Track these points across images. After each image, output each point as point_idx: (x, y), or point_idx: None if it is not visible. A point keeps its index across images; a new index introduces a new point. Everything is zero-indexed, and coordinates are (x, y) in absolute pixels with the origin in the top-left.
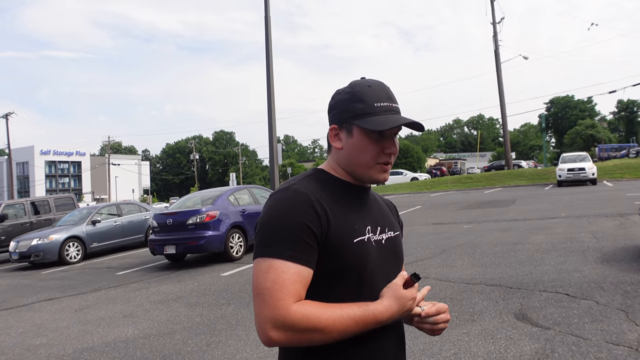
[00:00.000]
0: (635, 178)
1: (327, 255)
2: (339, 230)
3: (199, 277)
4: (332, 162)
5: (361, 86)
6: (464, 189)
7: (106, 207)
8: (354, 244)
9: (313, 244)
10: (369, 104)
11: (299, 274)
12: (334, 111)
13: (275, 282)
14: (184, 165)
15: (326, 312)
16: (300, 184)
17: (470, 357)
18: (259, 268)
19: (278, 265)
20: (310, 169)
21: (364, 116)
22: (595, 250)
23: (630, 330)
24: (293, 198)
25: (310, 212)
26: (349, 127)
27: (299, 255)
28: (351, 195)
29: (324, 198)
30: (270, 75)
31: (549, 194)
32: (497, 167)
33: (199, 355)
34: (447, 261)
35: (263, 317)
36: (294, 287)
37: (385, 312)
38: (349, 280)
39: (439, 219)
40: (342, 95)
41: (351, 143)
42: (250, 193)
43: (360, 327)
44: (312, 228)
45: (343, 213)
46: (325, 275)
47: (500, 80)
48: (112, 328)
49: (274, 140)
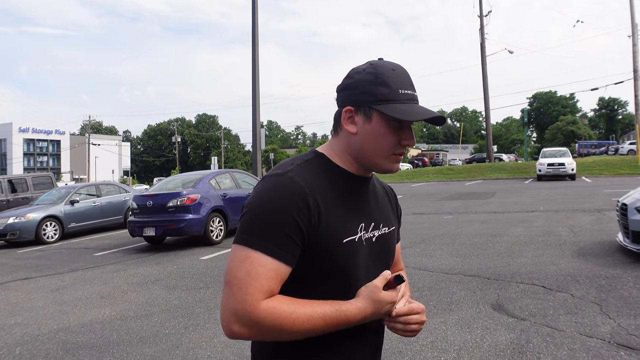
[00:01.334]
0: (613, 175)
1: (313, 254)
2: (330, 229)
3: (178, 260)
4: (337, 146)
5: (385, 68)
6: (445, 180)
7: (85, 187)
8: (343, 244)
9: (297, 240)
10: (394, 90)
11: (276, 270)
12: (352, 91)
13: (248, 274)
14: (165, 148)
15: (295, 310)
16: (296, 171)
17: (447, 345)
18: (235, 255)
19: (256, 257)
20: (309, 150)
21: (388, 102)
22: (572, 244)
23: (604, 323)
24: (286, 187)
25: (301, 205)
26: (368, 112)
27: (280, 251)
28: (351, 187)
29: (319, 191)
30: (255, 60)
31: (528, 188)
32: (478, 159)
33: (177, 338)
34: (427, 251)
35: (229, 309)
36: (268, 282)
37: (358, 315)
38: (334, 281)
39: (420, 209)
40: (364, 75)
41: (368, 129)
42: (232, 177)
43: (330, 327)
44: (300, 223)
45: (337, 209)
46: (309, 274)
47: (485, 74)
48: (89, 309)
49: (257, 125)
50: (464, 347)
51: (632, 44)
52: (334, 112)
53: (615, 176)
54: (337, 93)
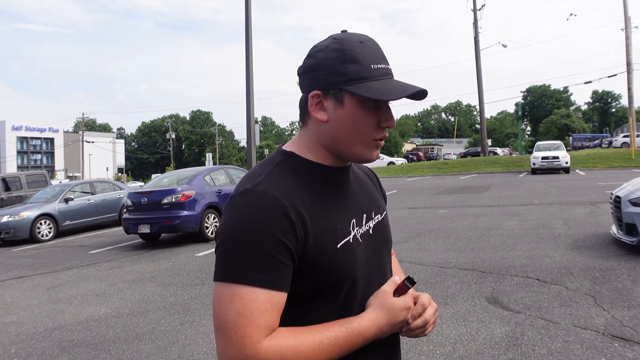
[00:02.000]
0: (607, 168)
1: (306, 269)
2: (320, 237)
3: (173, 256)
4: (306, 139)
5: (352, 42)
6: (440, 175)
7: (79, 184)
8: (338, 249)
9: (287, 262)
10: (365, 66)
11: (270, 301)
12: (317, 73)
13: (240, 314)
14: (159, 145)
15: (303, 341)
16: (267, 182)
17: (442, 338)
18: (220, 295)
19: (244, 293)
20: (275, 150)
21: (360, 81)
22: (566, 237)
23: (598, 315)
24: (260, 204)
25: (282, 221)
26: (339, 95)
27: (270, 279)
28: (330, 183)
29: (298, 197)
30: (249, 55)
31: (523, 181)
32: (473, 153)
33: (173, 335)
34: (422, 245)
35: (227, 357)
36: (264, 318)
37: (372, 327)
38: (336, 293)
39: (415, 204)
40: (328, 52)
41: (341, 114)
42: (227, 173)
43: (345, 350)
44: (286, 242)
45: (323, 213)
46: (306, 292)
47: (479, 68)
48: (84, 307)
49: (251, 121)
50: (459, 340)
51: (625, 37)
52: (299, 100)
53: (609, 169)
54: (300, 77)
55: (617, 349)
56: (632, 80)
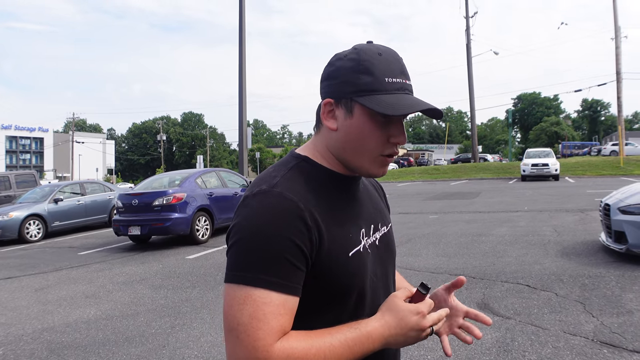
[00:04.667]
0: (596, 175)
1: (318, 275)
2: (333, 244)
3: (163, 259)
4: (320, 145)
5: (370, 53)
6: (430, 180)
7: (69, 185)
8: (350, 258)
9: (301, 266)
10: (378, 78)
11: (284, 305)
12: (332, 81)
13: (253, 316)
14: (150, 146)
15: (314, 344)
16: (284, 184)
17: (433, 344)
18: (232, 296)
19: (258, 295)
20: (289, 153)
21: (371, 93)
22: (556, 244)
23: (587, 322)
24: (277, 206)
25: (299, 225)
26: (349, 105)
27: (284, 282)
28: (344, 191)
29: (313, 202)
30: (242, 58)
31: (512, 188)
32: (463, 159)
33: (163, 338)
34: (413, 250)
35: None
36: (278, 322)
37: (380, 328)
38: (345, 301)
39: (406, 209)
40: (345, 61)
41: (350, 125)
42: (218, 176)
43: (356, 352)
44: (301, 246)
45: (336, 220)
46: (316, 298)
47: (470, 74)
48: (74, 308)
49: (244, 124)
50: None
51: (615, 46)
52: (318, 105)
53: (598, 177)
54: (320, 83)
55: (605, 356)
56: (621, 89)
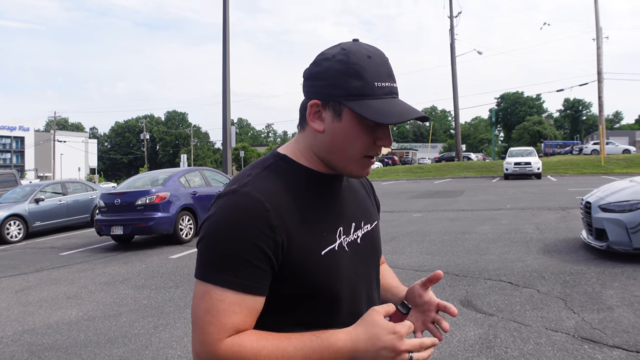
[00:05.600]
0: (578, 174)
1: (288, 275)
2: (303, 243)
3: (146, 259)
4: (302, 145)
5: (359, 56)
6: (414, 179)
7: (50, 185)
8: (323, 256)
9: (263, 267)
10: (368, 83)
11: (239, 303)
12: (319, 82)
13: (207, 311)
14: (133, 145)
15: (266, 345)
16: (254, 183)
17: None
18: (196, 291)
19: (214, 292)
20: (269, 152)
21: (361, 98)
22: (538, 242)
23: (568, 318)
24: (240, 206)
25: (261, 226)
26: (338, 108)
27: (241, 282)
28: (322, 189)
29: (283, 201)
30: (226, 57)
31: (495, 186)
32: (447, 158)
33: (146, 338)
34: (397, 248)
35: (194, 351)
36: (229, 319)
37: (348, 341)
38: (319, 299)
39: (390, 207)
40: (333, 62)
41: (337, 128)
42: (202, 175)
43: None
44: (263, 247)
45: (308, 218)
46: (289, 297)
47: (454, 74)
48: (55, 310)
49: (227, 122)
50: None
51: (597, 47)
52: (300, 103)
53: (580, 175)
54: (304, 81)
55: (586, 351)
56: (603, 89)
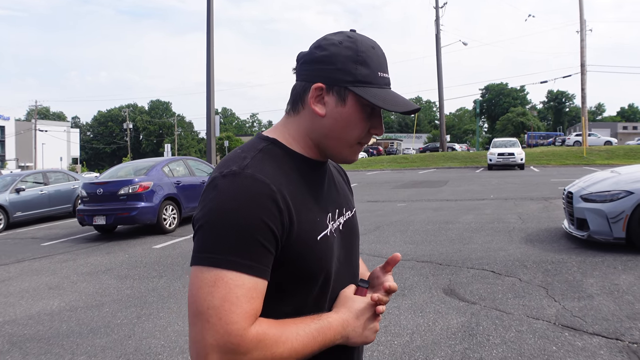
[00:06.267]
0: (560, 165)
1: (287, 259)
2: (303, 227)
3: (129, 249)
4: (295, 129)
5: (366, 45)
6: (399, 169)
7: (31, 175)
8: (318, 241)
9: (271, 249)
10: (374, 72)
11: (255, 288)
12: (327, 66)
13: (226, 299)
14: (116, 135)
15: (284, 332)
16: (254, 165)
17: (400, 329)
18: (201, 279)
19: (229, 277)
20: (255, 136)
21: (367, 85)
22: (520, 231)
23: (550, 306)
24: (249, 187)
25: (271, 207)
26: (343, 93)
27: (256, 265)
28: (312, 175)
29: (285, 185)
30: (210, 46)
31: (479, 177)
32: (432, 148)
33: (129, 328)
34: (381, 238)
35: (207, 345)
36: (251, 305)
37: (339, 318)
38: (312, 285)
39: (374, 197)
40: (342, 48)
41: (340, 113)
42: (186, 164)
43: (319, 342)
44: (273, 229)
45: (305, 204)
46: (284, 282)
47: (439, 64)
48: (37, 300)
49: (211, 112)
50: (416, 331)
51: (580, 39)
52: (293, 86)
53: (562, 166)
54: (302, 64)
55: (567, 338)
56: (586, 81)
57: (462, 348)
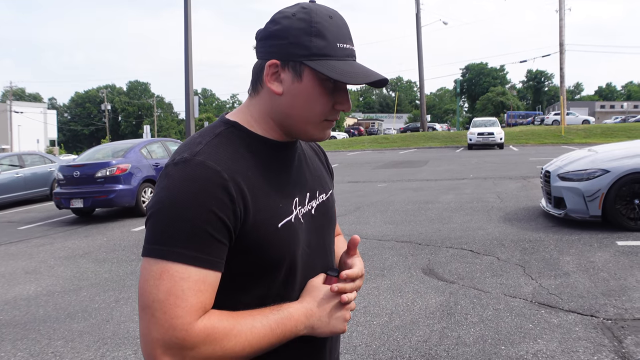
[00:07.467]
0: (539, 144)
1: (245, 249)
2: (260, 215)
3: (108, 232)
4: (255, 110)
5: (321, 15)
6: (380, 149)
7: (7, 157)
8: (279, 229)
9: (223, 240)
10: (330, 43)
11: (204, 280)
12: (279, 41)
13: (170, 293)
14: (94, 116)
15: (236, 325)
16: (207, 152)
17: (379, 309)
18: (149, 271)
19: (175, 270)
20: (218, 118)
21: (323, 58)
22: (499, 210)
23: (527, 284)
24: (198, 176)
25: (221, 196)
26: (299, 68)
27: (204, 257)
28: (276, 158)
29: (240, 172)
30: (188, 24)
31: (459, 156)
32: (412, 129)
33: (107, 312)
34: (361, 218)
35: (152, 339)
36: (197, 298)
37: (301, 308)
38: (275, 274)
39: (355, 178)
40: (294, 21)
41: (298, 89)
42: (164, 146)
43: (278, 334)
44: (224, 218)
45: (265, 190)
46: (245, 272)
47: (419, 44)
48: (13, 285)
49: (190, 92)
50: (395, 311)
51: (559, 18)
52: (253, 65)
53: (540, 145)
54: (259, 41)
55: (543, 316)
56: (564, 61)
57: (441, 327)
